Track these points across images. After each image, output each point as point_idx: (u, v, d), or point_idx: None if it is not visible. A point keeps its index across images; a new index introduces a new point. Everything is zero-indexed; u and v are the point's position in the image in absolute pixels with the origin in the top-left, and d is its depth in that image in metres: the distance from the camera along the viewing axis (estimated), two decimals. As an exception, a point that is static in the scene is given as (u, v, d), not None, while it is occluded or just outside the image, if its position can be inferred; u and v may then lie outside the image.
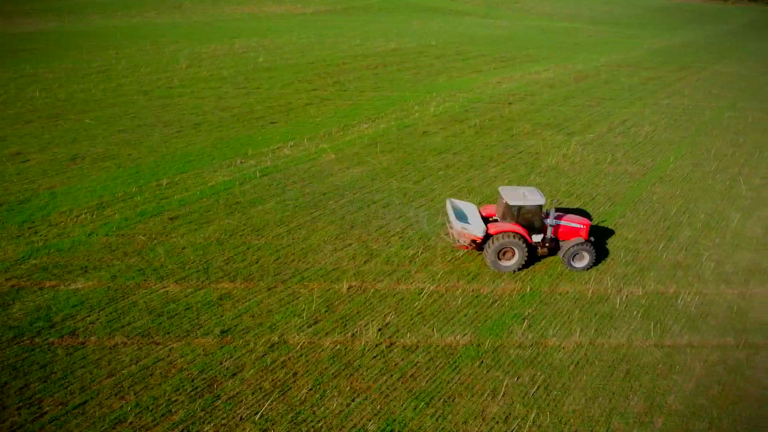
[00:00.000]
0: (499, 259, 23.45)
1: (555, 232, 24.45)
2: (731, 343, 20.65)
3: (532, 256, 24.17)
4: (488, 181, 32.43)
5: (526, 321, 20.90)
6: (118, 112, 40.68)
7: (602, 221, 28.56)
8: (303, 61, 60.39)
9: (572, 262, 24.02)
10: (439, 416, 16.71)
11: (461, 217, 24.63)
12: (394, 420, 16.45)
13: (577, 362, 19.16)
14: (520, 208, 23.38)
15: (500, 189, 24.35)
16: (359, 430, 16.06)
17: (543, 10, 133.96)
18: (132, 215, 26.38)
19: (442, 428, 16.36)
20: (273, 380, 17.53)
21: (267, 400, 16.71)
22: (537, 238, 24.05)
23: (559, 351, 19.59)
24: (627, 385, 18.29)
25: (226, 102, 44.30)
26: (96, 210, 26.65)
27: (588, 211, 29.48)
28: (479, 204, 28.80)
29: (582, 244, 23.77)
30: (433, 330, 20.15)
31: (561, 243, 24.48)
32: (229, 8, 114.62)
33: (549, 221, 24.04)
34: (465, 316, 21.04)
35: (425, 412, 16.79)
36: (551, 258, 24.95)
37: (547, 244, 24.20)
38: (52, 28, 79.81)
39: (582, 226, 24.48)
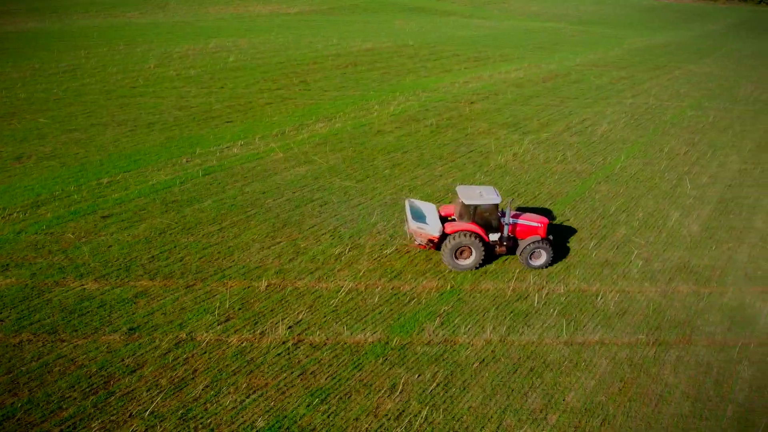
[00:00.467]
0: (457, 258, 23.62)
1: (513, 231, 24.60)
2: (643, 340, 20.70)
3: (490, 255, 24.42)
4: (432, 180, 32.49)
5: (439, 319, 20.96)
6: (74, 111, 40.74)
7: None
8: (274, 61, 60.44)
9: (530, 261, 24.20)
10: (332, 413, 16.77)
11: (419, 216, 24.78)
12: (285, 417, 16.51)
13: (483, 360, 19.22)
14: (476, 207, 23.56)
15: (457, 188, 24.55)
16: (248, 426, 16.11)
17: (530, 11, 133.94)
18: (65, 213, 26.45)
19: (333, 425, 16.42)
20: (171, 377, 17.58)
21: (160, 397, 16.76)
22: (494, 236, 24.22)
23: (467, 348, 19.65)
24: (528, 383, 18.35)
25: (186, 101, 44.36)
26: (30, 208, 26.71)
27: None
28: (438, 204, 28.88)
29: (539, 242, 23.92)
30: (344, 328, 20.22)
31: (519, 242, 24.53)
32: (214, 8, 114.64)
33: (506, 220, 24.09)
34: (379, 314, 21.11)
35: (318, 409, 16.86)
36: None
37: (504, 243, 24.35)
38: (31, 27, 79.85)
39: (539, 225, 24.67)
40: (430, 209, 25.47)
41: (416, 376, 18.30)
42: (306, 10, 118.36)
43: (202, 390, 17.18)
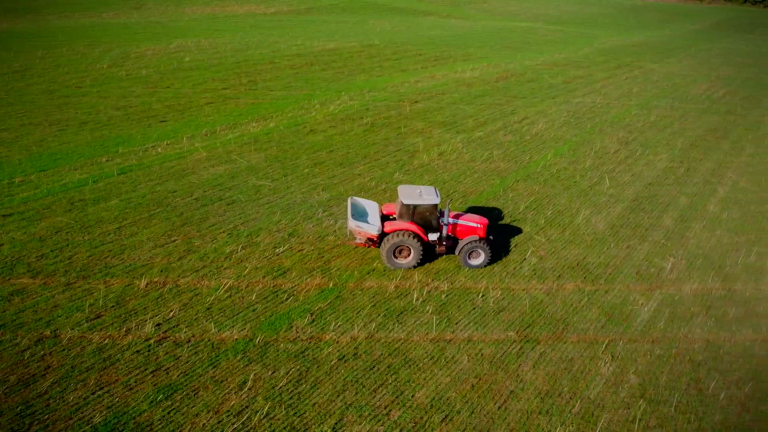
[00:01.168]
0: (396, 257, 23.88)
1: (453, 231, 24.78)
2: (513, 338, 20.84)
3: (430, 254, 24.71)
4: (350, 179, 32.63)
5: (311, 316, 21.08)
6: (10, 111, 40.84)
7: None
8: (230, 61, 60.54)
9: (468, 260, 24.41)
10: (174, 409, 16.90)
11: (362, 215, 24.98)
12: (125, 413, 16.64)
13: (343, 357, 19.35)
14: (415, 207, 23.76)
15: (399, 188, 24.72)
16: (85, 422, 16.25)
17: (509, 10, 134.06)
18: (-34, 213, 26.55)
19: (171, 421, 16.56)
20: (22, 374, 17.72)
21: (4, 393, 16.87)
22: (433, 236, 24.36)
23: (331, 346, 19.78)
24: (381, 380, 18.48)
25: (126, 101, 44.48)
26: (-67, 208, 26.82)
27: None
28: (381, 203, 29.01)
29: (477, 241, 24.12)
30: (212, 325, 20.34)
31: (459, 241, 24.76)
32: (191, 9, 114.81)
33: (444, 220, 24.23)
34: (253, 311, 21.24)
35: (162, 405, 16.99)
36: (372, 252, 25.14)
37: (444, 243, 24.53)
38: (3, 28, 79.89)
39: (479, 225, 24.84)
40: (372, 208, 25.70)
41: (270, 373, 18.44)
42: (283, 11, 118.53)
43: (49, 386, 17.31)
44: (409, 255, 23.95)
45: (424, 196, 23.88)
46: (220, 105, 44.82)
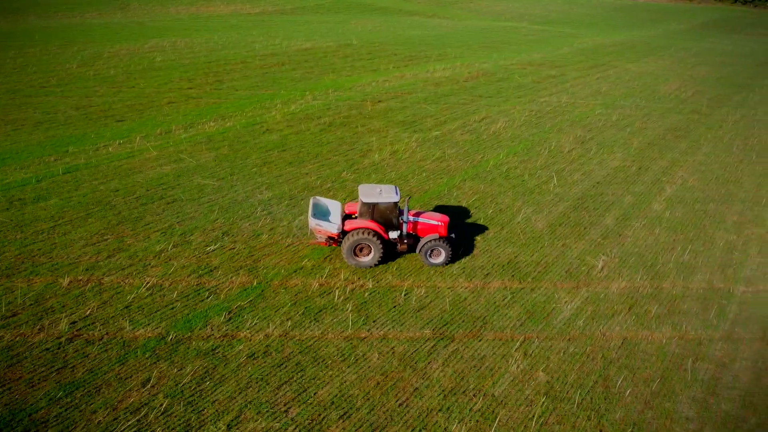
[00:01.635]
0: (357, 256, 24.04)
1: (414, 229, 24.90)
2: (428, 335, 20.93)
3: (391, 252, 24.91)
4: (296, 178, 32.71)
5: (228, 314, 21.16)
6: (-32, 111, 40.92)
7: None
8: (201, 61, 60.59)
9: (429, 258, 24.55)
10: (72, 407, 16.99)
11: (324, 214, 25.13)
12: (22, 410, 16.72)
13: (253, 354, 19.44)
14: (374, 205, 23.89)
15: (359, 187, 24.85)
16: (-20, 419, 16.32)
17: (495, 10, 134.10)
18: None
19: (67, 418, 16.64)
20: (-74, 371, 17.79)
21: None
22: (394, 234, 24.48)
23: (244, 343, 19.87)
24: (287, 377, 18.57)
25: (88, 101, 44.55)
26: None
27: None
28: (344, 201, 29.11)
29: (437, 240, 24.20)
30: (128, 323, 20.42)
31: (420, 239, 24.89)
32: (175, 9, 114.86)
33: (404, 218, 24.34)
34: (171, 309, 21.33)
35: (61, 402, 17.07)
36: (303, 251, 25.24)
37: (405, 241, 24.67)
38: (-22, 28, 79.98)
39: (440, 223, 24.93)
40: (335, 207, 25.86)
41: (176, 370, 18.52)
42: (268, 11, 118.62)
43: (-49, 384, 17.38)
44: (369, 253, 24.14)
45: (384, 194, 24.02)
46: (181, 105, 44.89)
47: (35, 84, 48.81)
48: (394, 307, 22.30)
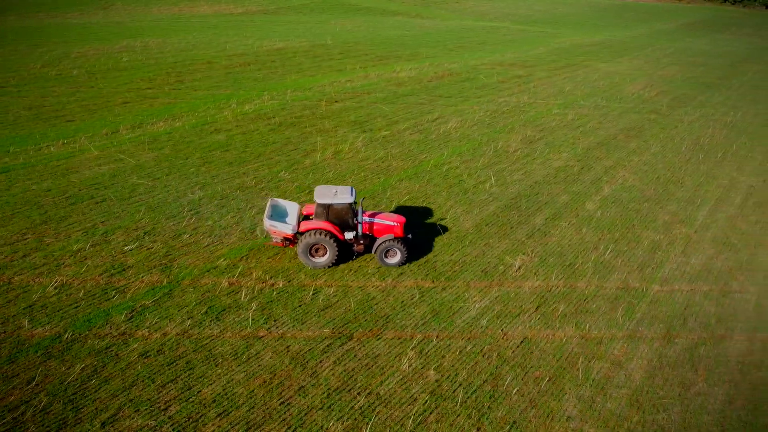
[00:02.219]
0: (312, 256, 24.26)
1: (370, 230, 25.09)
2: (326, 334, 21.06)
3: (348, 253, 25.17)
4: (232, 178, 32.84)
5: (130, 312, 21.29)
6: None
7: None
8: (169, 61, 60.76)
9: (385, 259, 24.75)
10: (-50, 404, 17.09)
11: (281, 215, 25.30)
12: None
13: (147, 353, 19.58)
14: (329, 206, 24.15)
15: (315, 188, 25.09)
16: None
17: (480, 10, 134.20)
18: None
19: (-58, 416, 16.75)
20: None
21: None
22: (350, 235, 24.69)
23: (139, 342, 19.99)
24: (174, 375, 18.71)
25: (44, 101, 44.72)
26: None
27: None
28: (302, 203, 29.26)
29: (392, 240, 24.43)
30: (27, 322, 20.55)
31: (376, 240, 25.11)
32: (158, 9, 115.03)
33: (359, 218, 24.53)
34: (75, 308, 21.47)
35: (-60, 400, 17.18)
36: (221, 250, 25.37)
37: (361, 241, 24.82)
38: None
39: (396, 224, 25.22)
40: (293, 208, 26.08)
41: (64, 369, 18.64)
42: (252, 11, 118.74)
43: None
44: (325, 254, 24.34)
45: (339, 195, 24.25)
46: (135, 105, 45.04)
47: (-6, 84, 48.90)
48: (300, 306, 22.43)
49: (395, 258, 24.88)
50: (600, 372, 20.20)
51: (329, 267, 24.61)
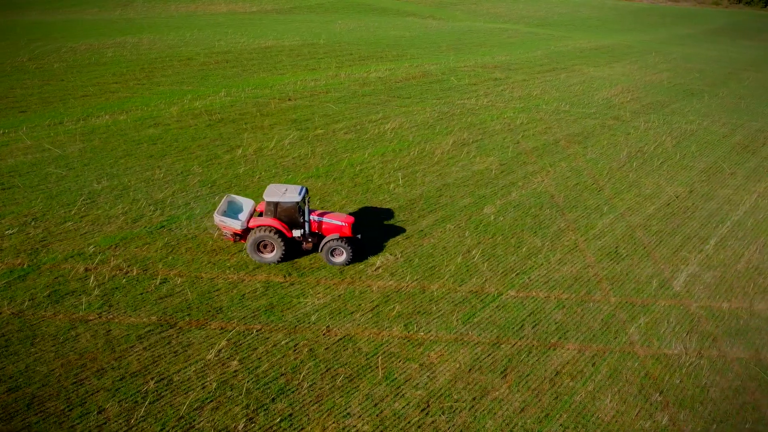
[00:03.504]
0: (261, 252, 25.29)
1: (318, 228, 26.05)
2: (152, 321, 21.91)
3: (297, 250, 26.14)
4: (145, 170, 34.06)
5: (-24, 292, 22.61)
6: None
7: (208, 211, 29.81)
8: (150, 57, 62.82)
9: (331, 258, 25.58)
10: None
11: (236, 211, 26.54)
12: None
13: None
14: (276, 204, 25.14)
15: (268, 186, 26.28)
16: None
17: (495, 12, 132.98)
18: None
19: None
20: None
21: None
22: (297, 233, 25.61)
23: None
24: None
25: (10, 92, 47.07)
26: None
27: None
28: (258, 200, 30.20)
29: (338, 240, 25.21)
30: None
31: (323, 239, 25.99)
32: (176, 7, 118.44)
33: (306, 217, 25.43)
34: (-71, 285, 22.91)
35: None
36: (97, 238, 26.53)
37: (309, 239, 25.78)
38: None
39: (343, 224, 25.97)
40: (248, 205, 27.24)
41: None
42: (266, 9, 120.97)
43: None
44: (273, 250, 25.26)
45: (287, 194, 25.15)
46: (93, 98, 46.95)
47: (-29, 75, 51.66)
48: (141, 294, 23.35)
49: (341, 257, 25.51)
50: (404, 373, 20.39)
51: (277, 263, 25.36)
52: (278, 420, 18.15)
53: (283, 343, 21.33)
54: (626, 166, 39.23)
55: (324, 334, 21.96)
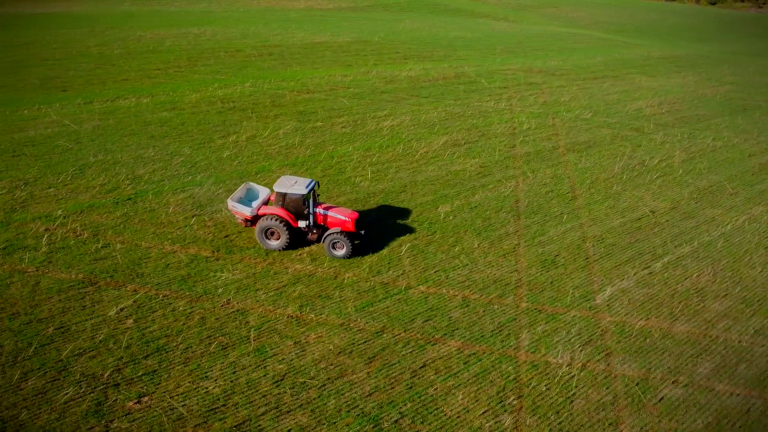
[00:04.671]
0: (268, 239, 27.20)
1: (324, 221, 27.55)
2: (77, 279, 24.61)
3: (302, 240, 27.79)
4: (140, 149, 37.35)
5: (-53, 240, 26.35)
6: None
7: (175, 189, 32.44)
8: (203, 48, 67.20)
9: (332, 250, 26.96)
10: None
11: (252, 199, 29.13)
12: None
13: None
14: (284, 195, 27.00)
15: (280, 178, 28.18)
16: None
17: (573, 16, 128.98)
18: None
19: None
20: None
21: None
22: (303, 223, 27.30)
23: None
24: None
25: (62, 73, 52.75)
26: None
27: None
28: (272, 189, 32.82)
29: (337, 234, 26.55)
30: None
31: (326, 231, 27.36)
32: (258, 2, 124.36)
33: (311, 209, 27.40)
34: None
35: None
36: (72, 202, 29.85)
37: (314, 231, 27.55)
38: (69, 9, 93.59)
39: (347, 219, 27.08)
40: (264, 193, 29.27)
41: None
42: (342, 7, 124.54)
43: None
44: (279, 238, 27.05)
45: (296, 186, 26.66)
46: (131, 83, 51.51)
47: (45, 57, 58.08)
48: (80, 254, 26.15)
49: (342, 250, 26.89)
50: (276, 348, 21.65)
51: (282, 250, 27.03)
52: (141, 374, 20.05)
53: (181, 309, 23.26)
54: (614, 178, 38.05)
55: (222, 306, 23.65)
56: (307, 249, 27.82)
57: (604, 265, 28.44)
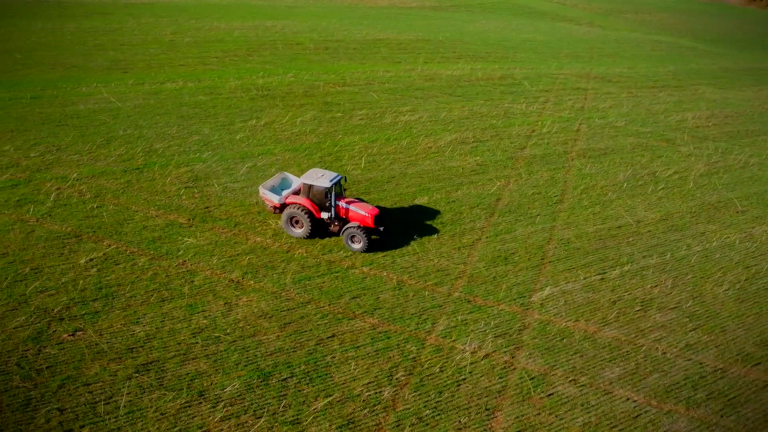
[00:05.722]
0: (292, 226, 28.87)
1: (345, 214, 28.70)
2: (67, 231, 28.39)
3: (324, 230, 29.17)
4: (164, 127, 41.27)
5: (-24, 190, 31.12)
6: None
7: (181, 163, 35.93)
8: (263, 40, 71.26)
9: (350, 243, 28.07)
10: None
11: (285, 187, 31.59)
12: None
13: (-45, 213, 29.11)
14: (310, 186, 28.53)
15: (310, 170, 29.68)
16: None
17: (666, 23, 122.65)
18: None
19: None
20: None
21: None
22: (325, 215, 28.64)
23: (-40, 206, 29.65)
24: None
25: (131, 56, 58.29)
26: None
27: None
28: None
29: (355, 228, 27.53)
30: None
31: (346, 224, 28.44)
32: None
33: (332, 202, 29.02)
34: (-45, 180, 32.01)
35: None
36: (90, 168, 34.08)
37: (336, 223, 28.88)
38: None
39: (367, 214, 28.08)
40: (296, 183, 30.78)
41: None
42: (424, 6, 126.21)
43: None
44: (302, 226, 28.47)
45: (321, 179, 27.99)
46: (186, 68, 56.22)
47: (121, 42, 64.38)
48: (76, 211, 29.92)
49: (359, 244, 27.92)
50: (206, 306, 24.06)
51: (305, 238, 28.56)
52: (84, 313, 23.15)
53: (140, 264, 26.28)
54: (614, 186, 37.42)
55: (177, 266, 26.43)
56: (273, 225, 30.05)
57: (557, 267, 28.57)
